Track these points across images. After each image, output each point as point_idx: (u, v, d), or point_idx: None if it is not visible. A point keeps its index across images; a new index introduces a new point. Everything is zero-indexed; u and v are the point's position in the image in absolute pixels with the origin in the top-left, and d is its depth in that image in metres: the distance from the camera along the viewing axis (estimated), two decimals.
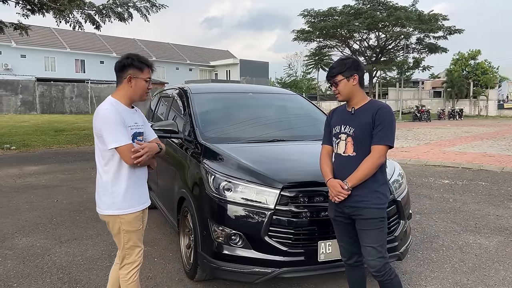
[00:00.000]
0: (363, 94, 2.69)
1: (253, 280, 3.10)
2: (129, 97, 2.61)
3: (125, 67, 2.56)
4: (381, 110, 2.57)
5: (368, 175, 2.56)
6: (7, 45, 37.20)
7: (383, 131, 2.53)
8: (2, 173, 9.03)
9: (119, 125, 2.46)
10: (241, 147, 3.77)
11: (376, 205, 2.59)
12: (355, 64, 2.65)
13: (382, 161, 2.56)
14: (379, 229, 2.60)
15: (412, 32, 38.84)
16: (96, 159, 2.60)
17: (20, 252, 4.39)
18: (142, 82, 2.60)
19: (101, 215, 2.63)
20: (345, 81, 2.64)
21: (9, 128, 17.70)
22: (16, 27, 14.85)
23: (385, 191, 2.66)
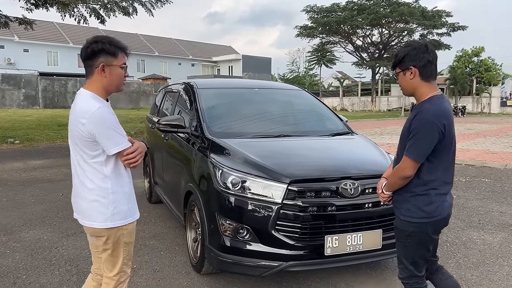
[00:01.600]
0: (427, 89, 2.30)
1: (260, 274, 3.14)
2: (105, 89, 2.23)
3: (95, 54, 2.16)
4: (418, 115, 2.23)
5: (395, 185, 2.38)
6: (10, 39, 37.26)
7: (411, 140, 2.24)
8: (7, 167, 9.08)
9: (118, 124, 2.18)
10: (247, 142, 3.80)
11: (404, 217, 2.37)
12: (411, 55, 2.28)
13: (406, 174, 2.28)
14: (403, 243, 2.42)
15: (415, 29, 38.76)
16: (79, 168, 2.24)
17: (28, 244, 4.44)
18: (118, 70, 2.23)
19: (96, 230, 2.24)
20: (401, 74, 2.36)
21: (12, 122, 17.73)
22: (20, 21, 14.87)
23: (419, 204, 2.31)
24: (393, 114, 37.90)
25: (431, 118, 2.19)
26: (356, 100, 46.88)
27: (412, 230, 2.34)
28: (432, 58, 2.28)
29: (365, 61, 41.92)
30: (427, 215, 2.31)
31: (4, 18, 14.64)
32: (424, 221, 2.31)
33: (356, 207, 3.17)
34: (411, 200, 2.34)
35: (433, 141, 2.21)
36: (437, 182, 2.32)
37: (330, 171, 3.32)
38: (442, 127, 2.20)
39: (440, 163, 2.30)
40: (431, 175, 2.30)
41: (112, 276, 2.33)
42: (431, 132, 2.19)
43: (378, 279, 3.67)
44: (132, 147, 2.22)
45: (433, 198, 2.31)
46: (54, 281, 3.58)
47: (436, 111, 2.21)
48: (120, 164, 2.25)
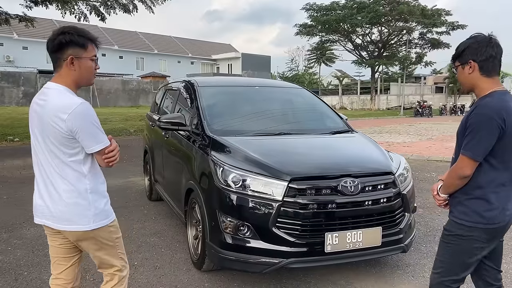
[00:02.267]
0: (488, 84, 2.13)
1: (261, 270, 3.16)
2: (75, 83, 2.12)
3: (63, 46, 2.05)
4: (476, 110, 2.08)
5: (452, 186, 2.21)
6: (9, 37, 37.18)
7: (468, 137, 2.08)
8: (7, 165, 9.10)
9: (98, 121, 2.09)
10: (248, 140, 3.82)
11: (457, 219, 2.20)
12: (473, 48, 2.12)
13: (464, 173, 2.10)
14: (446, 243, 2.26)
15: (415, 27, 38.76)
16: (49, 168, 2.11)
17: (29, 241, 4.46)
18: (88, 62, 2.11)
19: (79, 233, 2.15)
20: (460, 68, 2.20)
21: (11, 120, 17.71)
22: (21, 19, 14.85)
23: (476, 208, 2.14)
24: (392, 112, 37.95)
25: (490, 112, 2.03)
26: (355, 99, 46.89)
27: (462, 234, 2.17)
28: (495, 52, 2.11)
29: (365, 59, 41.91)
30: (485, 220, 2.12)
31: (4, 15, 14.62)
32: (480, 226, 2.13)
33: (356, 205, 3.19)
34: (467, 204, 2.17)
35: (492, 138, 2.03)
36: (498, 185, 2.13)
37: (331, 169, 3.34)
38: (502, 122, 2.02)
39: (500, 164, 2.12)
40: (490, 177, 2.13)
41: (113, 272, 2.31)
42: (489, 127, 2.02)
43: (378, 276, 3.70)
44: (112, 146, 2.13)
45: (493, 202, 2.13)
46: None
47: (496, 104, 2.05)
48: (95, 162, 2.17)
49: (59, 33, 2.07)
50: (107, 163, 2.12)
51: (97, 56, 2.18)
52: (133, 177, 7.68)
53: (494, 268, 2.36)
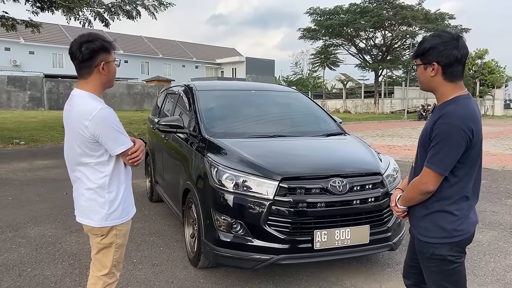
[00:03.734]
0: (450, 89, 1.97)
1: (253, 266, 3.30)
2: (102, 87, 2.24)
3: (94, 53, 2.13)
4: (441, 119, 1.91)
5: (413, 200, 2.07)
6: (16, 41, 37.65)
7: (434, 148, 1.92)
8: (13, 167, 9.29)
9: (120, 124, 2.19)
10: (243, 142, 3.97)
11: (422, 237, 2.06)
12: (438, 49, 1.93)
13: (428, 188, 1.96)
14: (428, 267, 2.09)
15: (418, 31, 38.84)
16: (78, 165, 2.24)
17: (32, 240, 4.62)
18: (113, 66, 2.24)
19: (92, 228, 2.28)
20: (422, 68, 2.02)
21: (18, 123, 17.98)
22: (27, 24, 15.12)
23: (438, 222, 2.00)
24: (396, 116, 37.99)
25: (457, 122, 1.87)
26: (359, 102, 46.97)
27: (433, 252, 2.02)
28: (461, 55, 1.93)
29: (368, 63, 42.03)
30: (448, 234, 1.99)
31: (11, 21, 14.90)
32: (446, 241, 1.99)
33: (345, 204, 3.32)
34: (429, 218, 2.03)
35: (459, 149, 1.89)
36: (460, 198, 1.99)
37: (320, 169, 3.48)
38: (470, 132, 1.88)
39: (464, 175, 1.97)
40: (453, 189, 1.98)
41: (100, 276, 2.34)
42: (457, 139, 1.87)
43: (368, 273, 3.82)
44: (135, 146, 2.24)
45: (456, 214, 1.99)
46: (57, 273, 3.75)
47: (463, 113, 1.89)
48: (120, 163, 2.27)
49: (85, 41, 2.12)
50: (131, 162, 2.25)
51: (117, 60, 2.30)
52: (135, 179, 7.82)
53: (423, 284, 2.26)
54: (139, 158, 2.26)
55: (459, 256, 2.03)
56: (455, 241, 2.00)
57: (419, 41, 2.12)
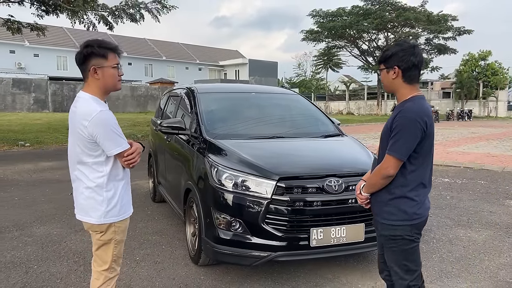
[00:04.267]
0: (408, 90, 2.31)
1: (251, 263, 3.41)
2: (102, 90, 2.34)
3: (86, 58, 2.27)
4: (400, 113, 2.23)
5: (376, 185, 2.33)
6: (21, 44, 37.97)
7: (394, 138, 2.22)
8: (18, 168, 9.45)
9: (118, 127, 2.29)
10: (242, 143, 4.09)
11: (385, 220, 2.32)
12: (398, 55, 2.27)
13: (389, 173, 2.24)
14: (390, 248, 2.35)
15: (421, 33, 38.90)
16: (78, 164, 2.35)
17: (38, 238, 4.75)
18: (110, 70, 2.31)
19: (92, 225, 2.39)
20: (385, 72, 2.35)
21: (22, 125, 18.18)
22: (32, 28, 15.31)
23: (401, 206, 2.28)
24: None
25: (414, 116, 2.19)
26: (362, 104, 47.02)
27: (394, 234, 2.30)
28: (417, 62, 2.28)
29: (371, 65, 42.10)
30: (409, 217, 2.27)
31: (17, 24, 15.09)
32: (408, 223, 2.28)
33: (340, 203, 3.43)
34: (391, 203, 2.29)
35: (415, 139, 2.19)
36: (418, 184, 2.29)
37: (317, 169, 3.59)
38: (424, 124, 2.20)
39: (420, 164, 2.28)
40: (412, 177, 2.27)
41: (101, 271, 2.46)
42: (414, 129, 2.18)
43: (364, 271, 3.92)
44: (132, 149, 2.34)
45: (415, 199, 2.28)
46: (63, 270, 3.88)
47: (418, 109, 2.22)
48: (117, 164, 2.37)
49: (83, 47, 2.29)
50: (127, 164, 2.35)
51: (120, 63, 2.39)
52: (139, 180, 7.97)
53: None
54: (134, 161, 2.36)
55: (417, 237, 2.34)
56: (414, 223, 2.30)
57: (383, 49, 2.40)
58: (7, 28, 15.93)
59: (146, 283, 3.64)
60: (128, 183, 2.52)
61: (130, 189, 2.56)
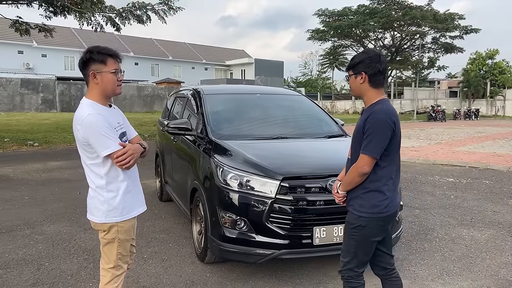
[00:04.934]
0: (374, 94, 2.50)
1: (256, 261, 3.51)
2: (101, 95, 2.41)
3: (86, 64, 2.36)
4: (371, 115, 2.41)
5: (353, 183, 2.50)
6: (29, 45, 38.31)
7: (367, 138, 2.40)
8: (28, 168, 9.61)
9: (107, 129, 2.32)
10: (247, 144, 4.18)
11: (356, 211, 2.50)
12: (366, 62, 2.47)
13: (364, 170, 2.42)
14: (350, 235, 2.55)
15: (427, 32, 38.77)
16: (84, 165, 2.47)
17: (49, 237, 4.87)
18: (108, 76, 2.37)
19: (95, 224, 2.48)
20: (353, 77, 2.54)
21: (31, 125, 18.40)
22: (40, 29, 15.51)
23: (372, 200, 2.47)
24: (406, 117, 37.90)
25: (384, 117, 2.39)
26: None
27: (361, 224, 2.48)
28: (382, 68, 2.49)
29: None
30: (379, 210, 2.46)
31: (25, 25, 15.29)
32: (376, 216, 2.46)
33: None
34: (364, 196, 2.47)
35: (387, 138, 2.39)
36: (388, 179, 2.48)
37: (319, 169, 3.67)
38: (393, 124, 2.41)
39: (390, 161, 2.48)
40: (383, 172, 2.46)
41: (108, 268, 2.53)
42: (385, 129, 2.38)
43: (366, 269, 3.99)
44: (122, 150, 2.35)
45: (386, 194, 2.47)
46: (73, 267, 3.99)
47: (386, 110, 2.42)
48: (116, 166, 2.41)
49: (83, 53, 2.38)
50: (119, 166, 2.38)
51: (120, 68, 2.44)
52: (146, 180, 8.07)
53: (387, 253, 2.70)
54: (125, 162, 2.37)
55: (381, 230, 2.52)
56: (382, 216, 2.48)
57: (352, 56, 2.64)
58: (16, 29, 16.15)
59: (154, 280, 3.74)
60: (135, 184, 2.57)
61: (138, 190, 2.63)
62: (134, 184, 2.57)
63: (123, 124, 2.55)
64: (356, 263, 2.58)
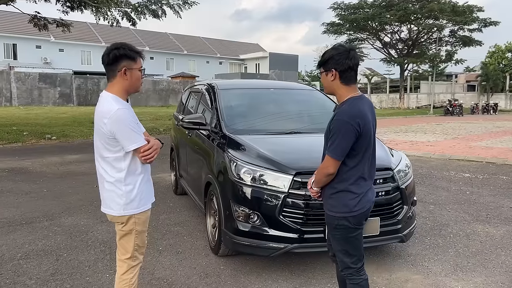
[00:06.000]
0: (346, 91, 2.46)
1: (269, 254, 3.55)
2: (126, 91, 2.48)
3: (117, 59, 2.41)
4: (336, 116, 2.40)
5: (320, 182, 2.53)
6: (47, 39, 38.93)
7: (331, 140, 2.40)
8: (46, 161, 9.81)
9: (135, 124, 2.41)
10: (261, 138, 4.21)
11: (329, 212, 2.54)
12: (335, 58, 2.41)
13: (329, 171, 2.42)
14: (333, 235, 2.59)
15: (445, 25, 38.11)
16: (100, 160, 2.51)
17: (67, 228, 4.99)
18: (138, 73, 2.47)
19: (113, 217, 2.54)
20: (324, 74, 2.49)
21: (49, 119, 18.72)
22: (58, 24, 15.73)
23: (342, 200, 2.47)
24: (422, 111, 37.48)
25: (347, 119, 2.34)
26: (384, 97, 46.52)
27: (337, 223, 2.50)
28: (353, 64, 2.42)
29: (393, 57, 41.53)
30: (349, 209, 2.46)
31: (43, 21, 15.52)
32: (346, 215, 2.46)
33: None
34: (334, 196, 2.49)
35: (350, 140, 2.35)
36: (357, 178, 2.46)
37: None
38: (357, 126, 2.33)
39: (359, 161, 2.45)
40: (352, 172, 2.45)
41: (124, 259, 2.61)
42: (348, 132, 2.33)
43: (379, 263, 4.01)
44: (148, 145, 2.43)
45: (355, 192, 2.46)
46: (90, 259, 4.09)
47: (351, 112, 2.36)
48: (135, 159, 2.47)
49: (113, 48, 2.41)
50: (144, 160, 2.45)
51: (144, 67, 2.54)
52: (161, 173, 8.19)
53: None
54: (150, 156, 2.45)
55: (357, 227, 2.53)
56: (353, 215, 2.48)
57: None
58: (34, 25, 16.43)
59: (169, 272, 3.81)
60: (148, 177, 2.64)
61: (151, 183, 2.69)
62: (148, 176, 2.64)
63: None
64: (351, 259, 2.59)
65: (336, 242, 2.60)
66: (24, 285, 3.55)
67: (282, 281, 3.63)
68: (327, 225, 2.65)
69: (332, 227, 2.57)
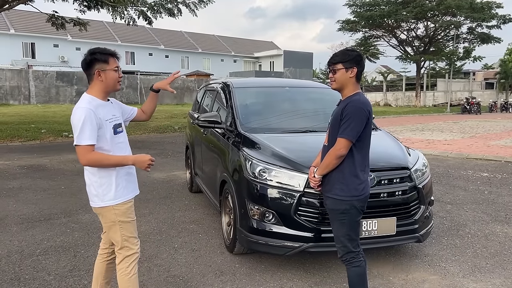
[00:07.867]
0: (356, 88, 2.76)
1: (284, 253, 3.54)
2: (103, 91, 2.62)
3: (91, 63, 2.57)
4: (350, 103, 2.66)
5: (330, 165, 2.71)
6: (64, 38, 39.45)
7: (345, 124, 2.63)
8: (63, 159, 9.96)
9: (88, 124, 2.47)
10: (276, 137, 4.20)
11: (338, 196, 2.71)
12: (357, 59, 2.73)
13: (341, 153, 2.64)
14: (340, 221, 2.75)
15: (463, 21, 37.50)
16: None
17: (84, 225, 5.06)
18: (112, 73, 2.61)
19: (94, 208, 2.68)
20: (344, 71, 2.72)
21: (66, 117, 18.97)
22: (75, 23, 15.94)
23: (351, 184, 2.70)
24: (438, 109, 36.98)
25: (361, 105, 2.65)
26: (400, 95, 45.99)
27: (346, 208, 2.71)
28: (363, 66, 2.81)
29: (409, 55, 41.01)
30: (358, 193, 2.71)
31: (61, 20, 15.74)
32: (355, 198, 2.71)
33: (372, 196, 3.44)
34: (343, 181, 2.70)
35: (362, 124, 2.64)
36: (362, 165, 2.75)
37: None
38: (368, 113, 2.65)
39: (365, 147, 2.75)
40: (358, 158, 2.72)
41: (117, 250, 2.72)
42: (361, 116, 2.63)
43: (395, 264, 3.97)
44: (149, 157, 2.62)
45: (361, 178, 2.74)
46: None
47: (363, 101, 2.69)
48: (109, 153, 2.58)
49: (87, 54, 2.60)
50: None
51: (119, 66, 2.68)
52: (177, 171, 8.25)
53: None
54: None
55: (362, 209, 2.79)
56: (361, 198, 2.74)
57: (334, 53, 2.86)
58: (52, 24, 16.66)
59: (185, 269, 3.84)
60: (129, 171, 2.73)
61: (132, 176, 2.78)
62: (129, 170, 2.74)
63: (119, 116, 2.76)
64: (352, 244, 2.78)
65: (340, 227, 2.77)
66: (43, 280, 3.61)
67: (297, 280, 3.63)
68: (330, 212, 2.82)
69: (339, 212, 2.74)
